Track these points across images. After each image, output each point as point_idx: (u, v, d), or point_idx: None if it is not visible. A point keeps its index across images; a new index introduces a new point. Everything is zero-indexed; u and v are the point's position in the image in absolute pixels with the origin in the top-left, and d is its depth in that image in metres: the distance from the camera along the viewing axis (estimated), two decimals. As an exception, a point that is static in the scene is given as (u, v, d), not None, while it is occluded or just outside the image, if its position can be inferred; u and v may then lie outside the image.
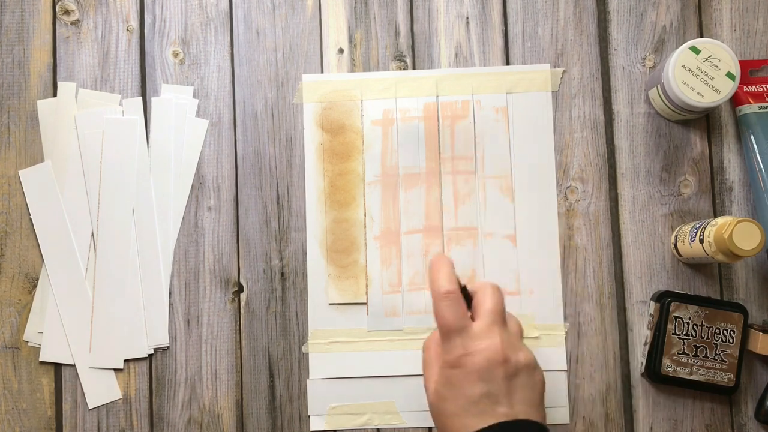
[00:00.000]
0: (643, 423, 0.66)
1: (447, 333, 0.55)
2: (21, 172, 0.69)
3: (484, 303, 0.56)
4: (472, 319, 0.56)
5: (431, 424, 0.66)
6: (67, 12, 0.71)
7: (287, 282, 0.68)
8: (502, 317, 0.55)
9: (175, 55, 0.70)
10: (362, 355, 0.67)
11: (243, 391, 0.66)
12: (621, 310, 0.67)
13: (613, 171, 0.68)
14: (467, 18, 0.70)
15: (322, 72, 0.70)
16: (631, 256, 0.67)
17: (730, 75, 0.63)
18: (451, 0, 0.70)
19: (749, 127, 0.66)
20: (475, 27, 0.70)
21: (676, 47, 0.64)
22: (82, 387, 0.67)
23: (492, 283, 0.57)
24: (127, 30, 0.71)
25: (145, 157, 0.69)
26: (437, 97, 0.69)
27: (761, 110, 0.66)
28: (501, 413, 0.53)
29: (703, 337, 0.63)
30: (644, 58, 0.69)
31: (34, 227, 0.68)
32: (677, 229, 0.66)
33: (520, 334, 0.57)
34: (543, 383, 0.56)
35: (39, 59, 0.70)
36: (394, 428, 0.66)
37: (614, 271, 0.67)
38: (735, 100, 0.67)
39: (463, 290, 0.57)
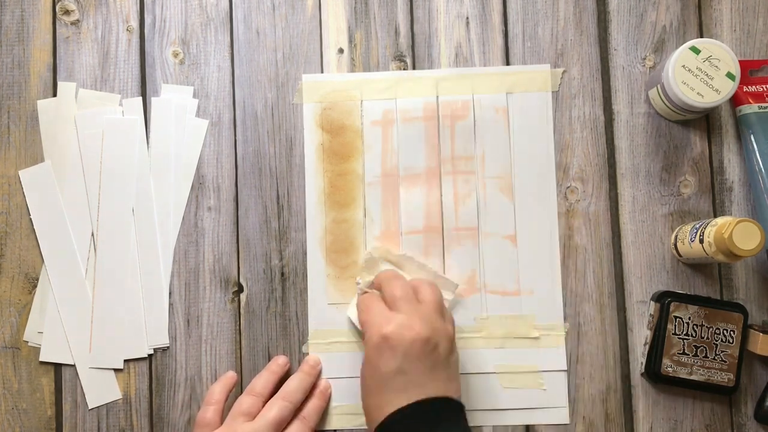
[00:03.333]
0: (643, 423, 0.66)
1: (363, 323, 0.60)
2: (21, 172, 0.69)
3: (390, 292, 0.60)
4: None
5: (431, 424, 0.66)
6: (67, 12, 0.71)
7: (287, 282, 0.68)
8: (407, 295, 0.60)
9: (175, 55, 0.70)
10: (362, 355, 0.67)
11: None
12: (621, 310, 0.67)
13: (613, 171, 0.68)
14: (467, 18, 0.70)
15: (322, 72, 0.70)
16: (631, 256, 0.67)
17: (730, 75, 0.63)
18: (451, 0, 0.70)
19: (749, 127, 0.66)
20: (475, 27, 0.70)
21: (676, 47, 0.64)
22: (82, 387, 0.67)
23: (390, 271, 0.64)
24: (127, 30, 0.71)
25: (145, 157, 0.69)
26: (437, 97, 0.69)
27: (761, 110, 0.66)
28: (416, 392, 0.56)
29: (703, 337, 0.63)
30: (644, 58, 0.69)
31: (34, 227, 0.68)
32: (677, 229, 0.66)
33: (437, 307, 0.59)
34: (456, 355, 0.60)
35: (39, 59, 0.70)
36: (394, 428, 0.66)
37: (614, 271, 0.67)
38: (735, 100, 0.67)
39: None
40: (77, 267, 0.68)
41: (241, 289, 0.68)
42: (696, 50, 0.63)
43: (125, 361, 0.67)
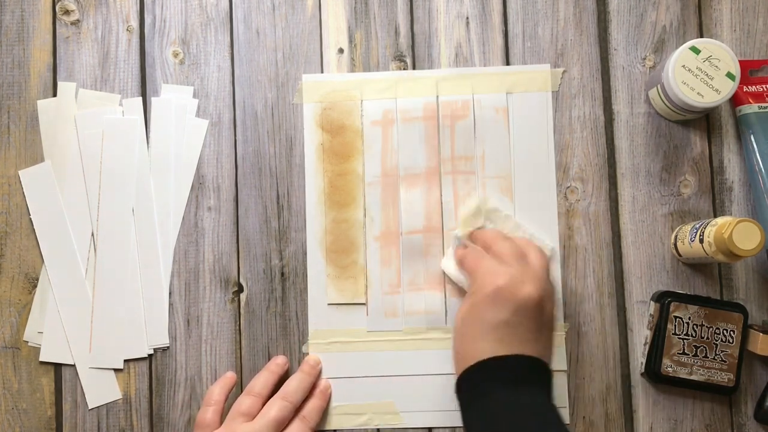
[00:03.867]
0: (643, 423, 0.66)
1: (473, 273, 0.60)
2: (21, 172, 0.69)
3: (499, 248, 0.60)
4: None
5: (431, 424, 0.66)
6: (67, 12, 0.71)
7: (287, 282, 0.68)
8: (517, 254, 0.59)
9: (175, 55, 0.70)
10: (362, 355, 0.67)
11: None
12: (621, 310, 0.67)
13: (613, 171, 0.68)
14: (467, 18, 0.70)
15: (322, 72, 0.70)
16: (631, 256, 0.67)
17: (730, 75, 0.63)
18: (451, 0, 0.70)
19: (749, 127, 0.66)
20: (475, 27, 0.70)
21: (676, 47, 0.64)
22: (82, 387, 0.67)
23: (496, 230, 0.65)
24: (127, 30, 0.71)
25: (145, 157, 0.69)
26: (437, 97, 0.69)
27: (761, 110, 0.66)
28: (517, 347, 0.55)
29: (703, 337, 0.63)
30: (644, 58, 0.69)
31: (34, 227, 0.68)
32: (677, 229, 0.66)
33: (545, 270, 0.60)
34: (556, 323, 0.60)
35: (39, 59, 0.70)
36: (394, 428, 0.66)
37: (614, 271, 0.67)
38: (735, 100, 0.67)
39: None
40: (77, 267, 0.68)
41: (241, 289, 0.68)
42: (696, 50, 0.63)
43: (125, 361, 0.67)
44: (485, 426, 0.53)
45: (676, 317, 0.63)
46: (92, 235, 0.68)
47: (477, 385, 0.55)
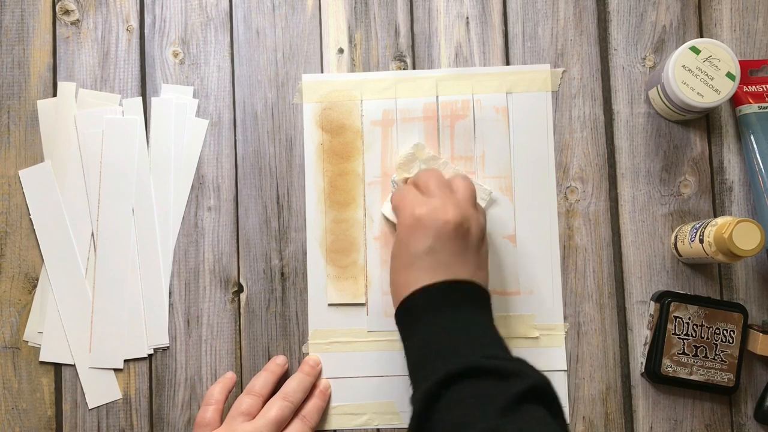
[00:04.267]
0: (643, 423, 0.66)
1: (397, 208, 0.61)
2: (21, 172, 0.69)
3: (424, 180, 0.61)
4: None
5: (431, 424, 0.66)
6: (67, 12, 0.71)
7: (287, 282, 0.68)
8: (441, 184, 0.60)
9: (175, 55, 0.70)
10: (362, 355, 0.67)
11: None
12: (621, 310, 0.67)
13: (613, 171, 0.68)
14: (467, 18, 0.70)
15: (322, 72, 0.70)
16: (631, 256, 0.67)
17: (730, 75, 0.63)
18: (451, 0, 0.70)
19: (749, 127, 0.66)
20: (475, 27, 0.70)
21: (676, 47, 0.64)
22: (82, 387, 0.67)
23: (428, 170, 0.64)
24: (127, 30, 0.71)
25: (145, 157, 0.69)
26: (437, 97, 0.69)
27: (761, 110, 0.66)
28: (444, 272, 0.56)
29: (703, 337, 0.63)
30: (644, 58, 0.69)
31: (34, 227, 0.68)
32: (677, 229, 0.66)
33: (469, 197, 0.60)
34: (486, 247, 0.60)
35: (39, 59, 0.70)
36: (394, 428, 0.66)
37: (614, 271, 0.67)
38: (735, 100, 0.67)
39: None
40: (77, 267, 0.68)
41: (241, 289, 0.68)
42: (696, 50, 0.63)
43: (125, 361, 0.67)
44: (421, 347, 0.55)
45: (676, 317, 0.63)
46: (92, 235, 0.68)
47: (411, 313, 0.56)
